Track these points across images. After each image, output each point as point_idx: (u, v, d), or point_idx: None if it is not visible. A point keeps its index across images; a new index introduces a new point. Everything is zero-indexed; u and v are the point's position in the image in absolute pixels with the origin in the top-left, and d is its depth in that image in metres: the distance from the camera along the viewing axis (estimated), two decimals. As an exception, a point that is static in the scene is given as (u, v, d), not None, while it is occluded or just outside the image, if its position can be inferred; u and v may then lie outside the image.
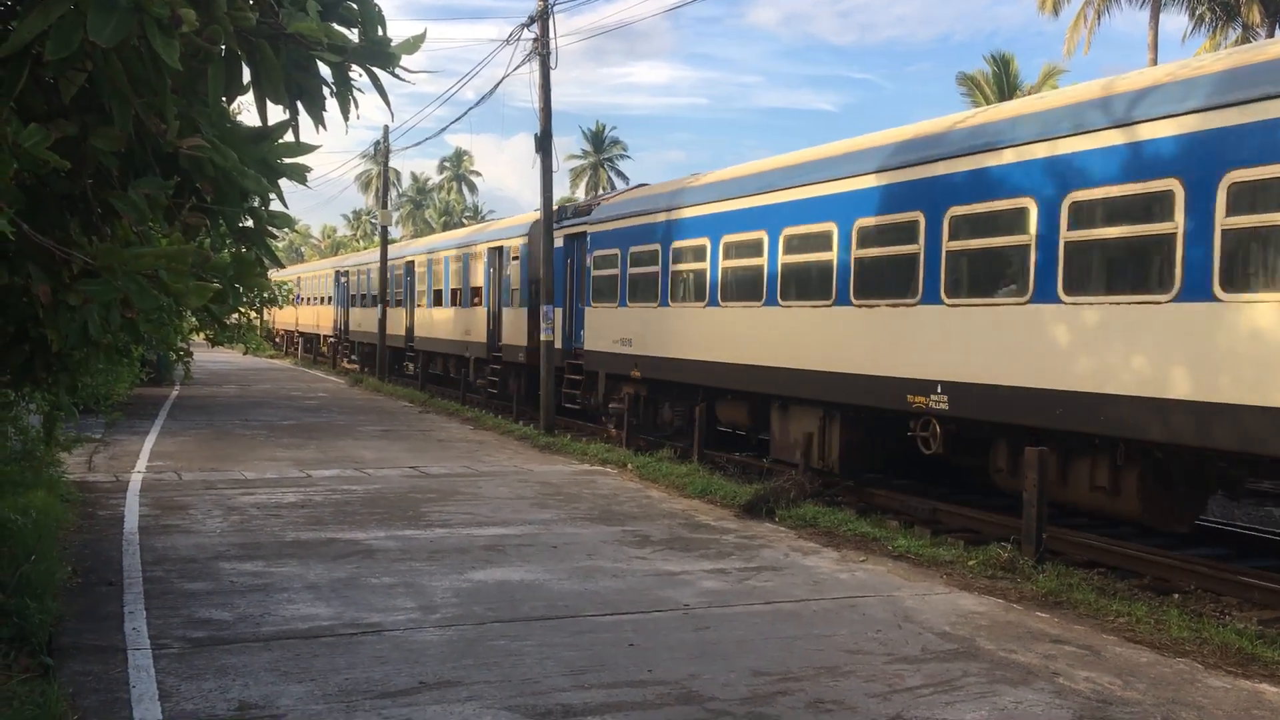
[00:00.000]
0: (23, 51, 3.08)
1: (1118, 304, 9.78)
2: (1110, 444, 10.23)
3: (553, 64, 20.19)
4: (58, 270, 3.49)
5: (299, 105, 3.75)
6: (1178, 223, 9.20)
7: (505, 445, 18.21)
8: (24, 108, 3.36)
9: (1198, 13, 35.48)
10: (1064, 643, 7.20)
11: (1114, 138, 9.91)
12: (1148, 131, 9.59)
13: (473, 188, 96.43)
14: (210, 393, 27.66)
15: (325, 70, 3.68)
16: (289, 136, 3.88)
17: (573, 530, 10.64)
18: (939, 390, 11.67)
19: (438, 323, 31.20)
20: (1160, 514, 10.36)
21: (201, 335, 15.81)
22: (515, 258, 24.77)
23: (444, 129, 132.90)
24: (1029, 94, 41.26)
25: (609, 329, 19.78)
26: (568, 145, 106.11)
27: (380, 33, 3.70)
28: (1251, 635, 7.43)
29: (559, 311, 21.40)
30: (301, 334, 53.55)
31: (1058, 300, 10.34)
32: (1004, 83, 43.28)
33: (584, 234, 21.13)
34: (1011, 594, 8.55)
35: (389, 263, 35.93)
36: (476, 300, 27.74)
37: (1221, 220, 8.83)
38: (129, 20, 2.80)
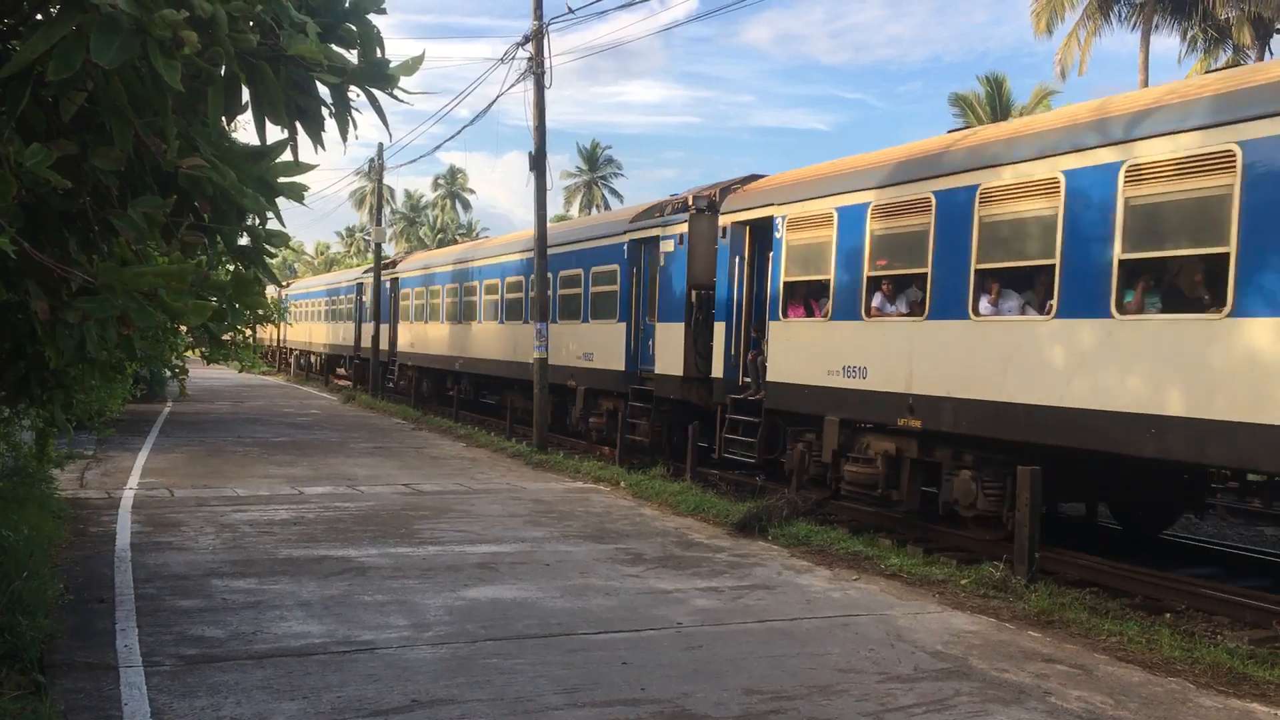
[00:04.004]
0: (25, 71, 3.11)
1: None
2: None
3: (547, 83, 20.28)
4: (56, 288, 3.52)
5: (298, 125, 3.79)
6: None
7: (498, 463, 18.20)
8: (24, 126, 3.38)
9: (1189, 34, 35.73)
10: (1056, 662, 7.22)
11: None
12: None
13: (467, 205, 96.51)
14: (203, 409, 27.60)
15: (324, 91, 3.72)
16: (287, 155, 3.91)
17: (566, 548, 10.64)
18: None
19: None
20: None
21: (196, 352, 15.81)
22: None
23: (438, 146, 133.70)
24: (1021, 113, 41.51)
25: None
26: (562, 163, 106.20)
27: (379, 54, 3.74)
28: (1243, 654, 7.45)
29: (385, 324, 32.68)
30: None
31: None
32: (997, 103, 43.50)
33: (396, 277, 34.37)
34: (1004, 613, 8.57)
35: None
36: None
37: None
38: (132, 43, 2.84)
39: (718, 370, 15.93)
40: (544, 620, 7.87)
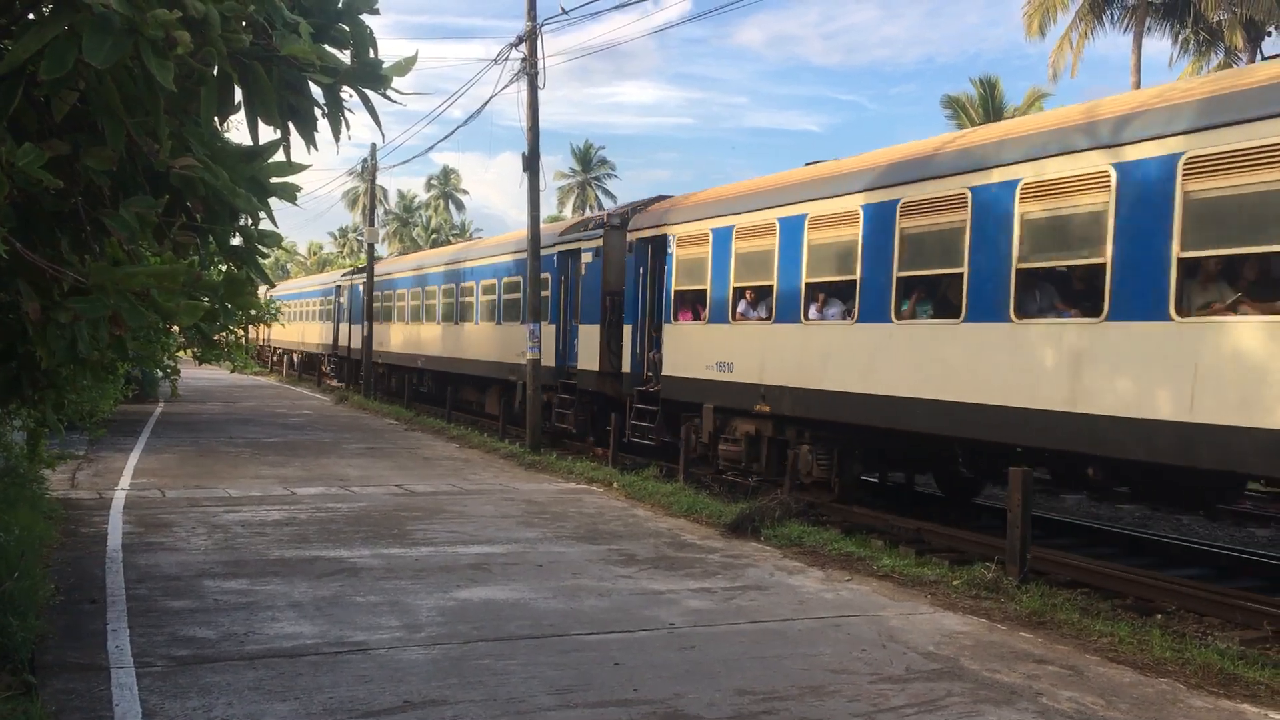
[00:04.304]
0: (17, 71, 3.11)
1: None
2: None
3: (541, 84, 20.28)
4: (48, 287, 3.51)
5: (290, 125, 3.78)
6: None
7: (491, 463, 18.19)
8: (16, 126, 3.38)
9: (1181, 37, 35.84)
10: (1047, 663, 7.24)
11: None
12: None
13: (460, 206, 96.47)
14: (195, 409, 27.55)
15: (317, 91, 3.72)
16: (279, 155, 3.91)
17: (558, 549, 10.64)
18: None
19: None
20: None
21: (188, 353, 15.79)
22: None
23: (431, 147, 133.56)
24: (1013, 116, 41.57)
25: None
26: (555, 164, 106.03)
27: (372, 54, 3.73)
28: (1234, 655, 7.48)
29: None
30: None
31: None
32: (989, 105, 43.59)
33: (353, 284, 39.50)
34: (995, 614, 8.59)
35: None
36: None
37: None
38: (124, 43, 2.83)
39: (626, 366, 18.56)
40: (536, 621, 7.87)
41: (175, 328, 5.95)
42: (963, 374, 11.24)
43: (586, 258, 20.17)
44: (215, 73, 3.38)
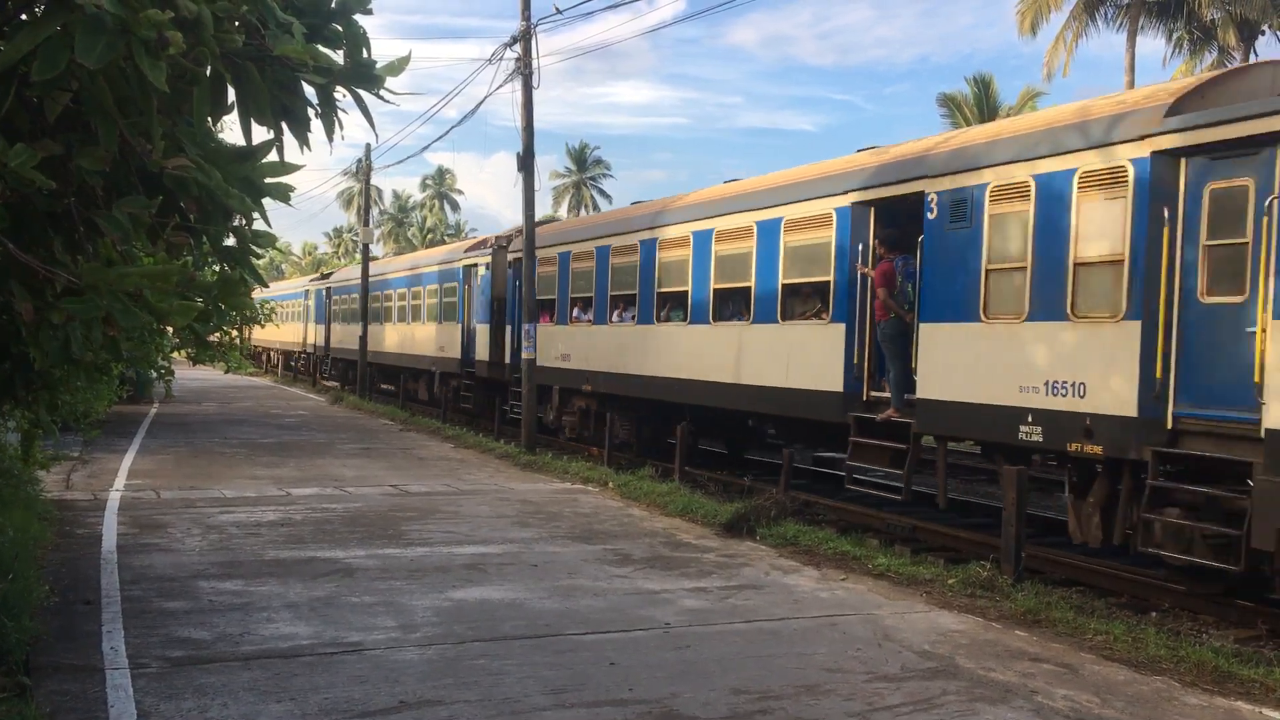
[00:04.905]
0: (9, 71, 3.10)
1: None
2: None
3: (535, 84, 20.27)
4: (41, 288, 3.50)
5: (283, 125, 3.78)
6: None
7: (486, 463, 18.18)
8: (8, 126, 3.37)
9: (1175, 36, 35.90)
10: (1042, 661, 7.25)
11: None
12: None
13: (455, 206, 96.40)
14: (190, 410, 27.51)
15: (310, 91, 3.71)
16: (273, 156, 3.91)
17: (554, 549, 10.64)
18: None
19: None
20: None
21: (182, 353, 15.78)
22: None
23: (425, 147, 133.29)
24: (1008, 115, 41.63)
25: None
26: (550, 164, 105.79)
27: (365, 55, 3.72)
28: (1228, 653, 7.50)
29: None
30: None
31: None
32: (984, 104, 43.64)
33: (328, 288, 43.55)
34: (990, 612, 8.60)
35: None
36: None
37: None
38: (116, 43, 2.83)
39: (508, 358, 23.96)
40: (532, 621, 7.87)
41: (169, 328, 5.94)
42: (691, 359, 16.53)
43: (481, 271, 25.76)
44: (208, 73, 3.37)
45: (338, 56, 3.68)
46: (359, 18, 3.76)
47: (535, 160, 20.75)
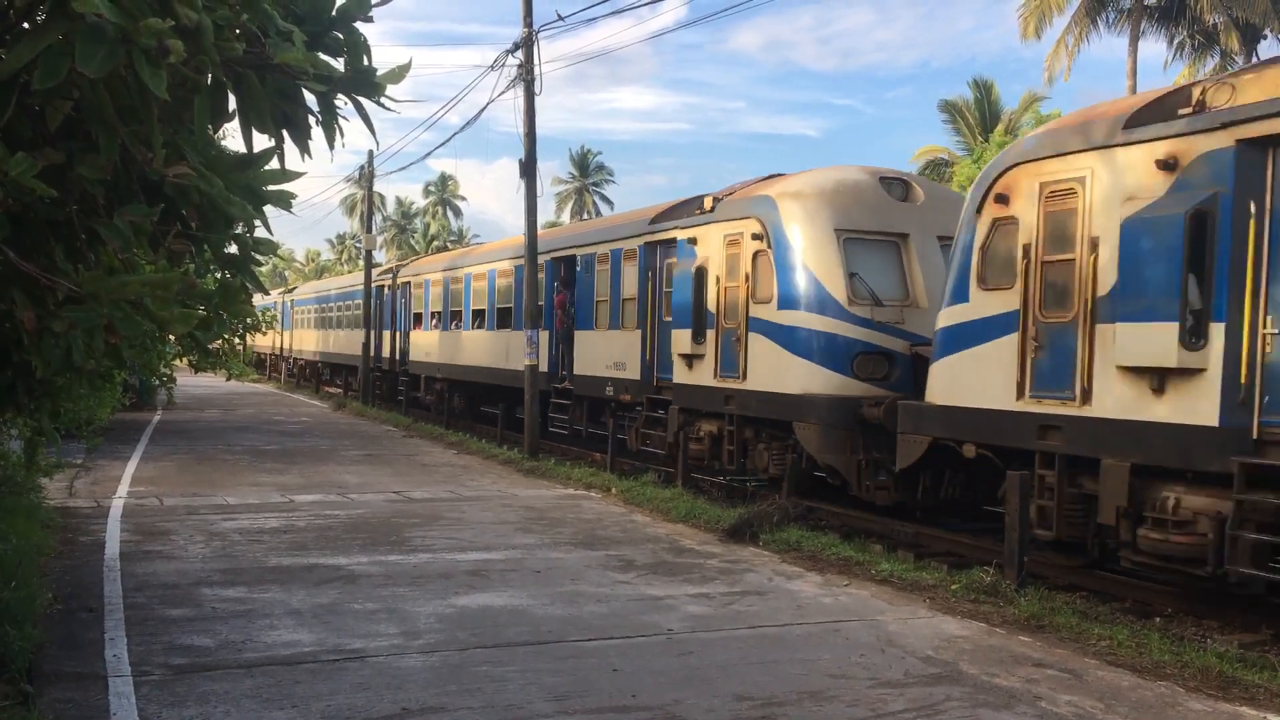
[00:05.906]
0: (10, 80, 3.11)
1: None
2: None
3: (537, 90, 20.28)
4: (43, 297, 3.50)
5: (284, 133, 3.78)
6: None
7: (489, 469, 18.18)
8: (10, 135, 3.37)
9: (1177, 40, 35.91)
10: (1046, 666, 7.23)
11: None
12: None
13: (458, 212, 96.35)
14: (193, 417, 27.54)
15: (311, 99, 3.71)
16: (274, 163, 3.91)
17: (557, 555, 10.63)
18: None
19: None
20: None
21: (184, 360, 15.79)
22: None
23: (428, 154, 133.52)
24: (1010, 120, 41.64)
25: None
26: (553, 169, 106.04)
27: (365, 62, 3.72)
28: (1232, 658, 7.48)
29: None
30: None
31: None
32: (985, 109, 43.67)
33: (292, 300, 52.41)
34: (994, 618, 8.58)
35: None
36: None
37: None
38: (117, 51, 2.83)
39: (398, 355, 33.03)
40: (535, 627, 7.86)
41: (171, 336, 5.95)
42: (474, 353, 25.63)
43: (385, 291, 34.84)
44: (209, 81, 3.37)
45: (338, 64, 3.68)
46: (360, 25, 3.77)
47: (538, 166, 20.78)
